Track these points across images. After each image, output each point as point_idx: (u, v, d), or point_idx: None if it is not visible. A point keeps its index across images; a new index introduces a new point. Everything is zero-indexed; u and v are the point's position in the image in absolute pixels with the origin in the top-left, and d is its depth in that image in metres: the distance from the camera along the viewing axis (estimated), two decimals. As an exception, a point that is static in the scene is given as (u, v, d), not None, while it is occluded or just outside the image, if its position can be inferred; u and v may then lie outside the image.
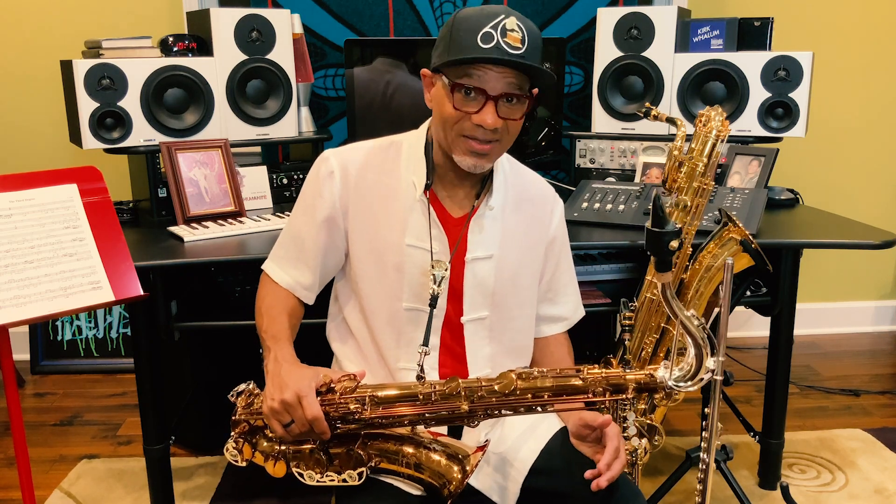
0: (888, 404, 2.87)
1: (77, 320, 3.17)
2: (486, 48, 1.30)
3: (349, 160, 1.48)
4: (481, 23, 1.31)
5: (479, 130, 1.35)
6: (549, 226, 1.57)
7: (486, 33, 1.31)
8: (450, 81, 1.35)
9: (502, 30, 1.31)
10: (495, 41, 1.30)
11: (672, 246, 1.14)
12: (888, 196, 3.46)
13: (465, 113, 1.35)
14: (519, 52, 1.32)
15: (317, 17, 2.78)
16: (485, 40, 1.30)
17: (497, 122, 1.34)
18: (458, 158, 1.40)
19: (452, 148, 1.40)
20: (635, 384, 1.26)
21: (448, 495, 1.28)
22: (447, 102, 1.36)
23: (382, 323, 1.47)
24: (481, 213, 1.48)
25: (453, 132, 1.38)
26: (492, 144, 1.38)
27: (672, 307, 1.19)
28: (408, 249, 1.45)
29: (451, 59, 1.33)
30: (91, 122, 2.11)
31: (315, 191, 1.48)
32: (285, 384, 1.29)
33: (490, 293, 1.49)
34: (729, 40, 2.39)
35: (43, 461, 2.49)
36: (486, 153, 1.38)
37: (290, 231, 1.54)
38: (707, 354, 1.21)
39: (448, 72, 1.35)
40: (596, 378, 1.27)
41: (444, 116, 1.38)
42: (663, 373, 1.25)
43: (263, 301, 1.51)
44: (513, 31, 1.32)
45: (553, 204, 1.59)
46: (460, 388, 1.28)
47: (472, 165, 1.40)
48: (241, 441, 1.37)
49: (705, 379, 1.23)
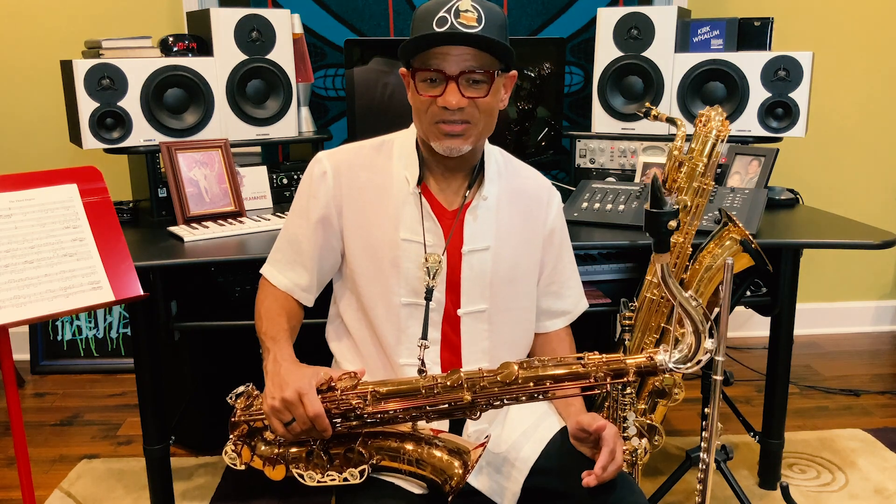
0: (888, 404, 2.87)
1: (77, 320, 3.17)
2: (440, 31, 1.33)
3: (341, 160, 1.50)
4: (436, 8, 1.35)
5: (447, 112, 1.37)
6: (547, 218, 1.58)
7: (440, 17, 1.34)
8: (412, 70, 1.38)
9: (455, 11, 1.34)
10: (449, 23, 1.33)
11: (670, 225, 1.15)
12: (888, 196, 3.46)
13: (430, 98, 1.37)
14: (474, 30, 1.33)
15: (317, 17, 2.78)
16: (439, 24, 1.33)
17: (461, 101, 1.36)
18: (435, 146, 1.42)
19: (429, 136, 1.42)
20: (636, 368, 1.27)
21: (449, 491, 1.28)
22: (414, 91, 1.39)
23: (382, 319, 1.47)
24: (475, 205, 1.49)
25: (427, 121, 1.40)
26: (464, 125, 1.39)
27: (670, 288, 1.20)
28: (403, 244, 1.45)
29: (407, 47, 1.36)
30: (91, 122, 2.11)
31: (309, 192, 1.50)
32: (286, 382, 1.29)
33: (488, 285, 1.49)
34: (729, 40, 2.39)
35: (43, 461, 2.49)
36: (459, 133, 1.39)
37: (287, 234, 1.54)
38: (705, 335, 1.22)
39: (413, 63, 1.39)
40: (597, 363, 1.27)
41: (416, 106, 1.41)
42: (663, 356, 1.26)
43: (262, 305, 1.51)
44: (466, 11, 1.34)
45: (549, 196, 1.59)
46: (462, 380, 1.28)
47: (448, 148, 1.40)
48: (239, 444, 1.37)
49: (703, 360, 1.23)
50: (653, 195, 1.15)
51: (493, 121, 1.43)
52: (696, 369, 1.26)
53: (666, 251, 1.18)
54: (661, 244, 1.18)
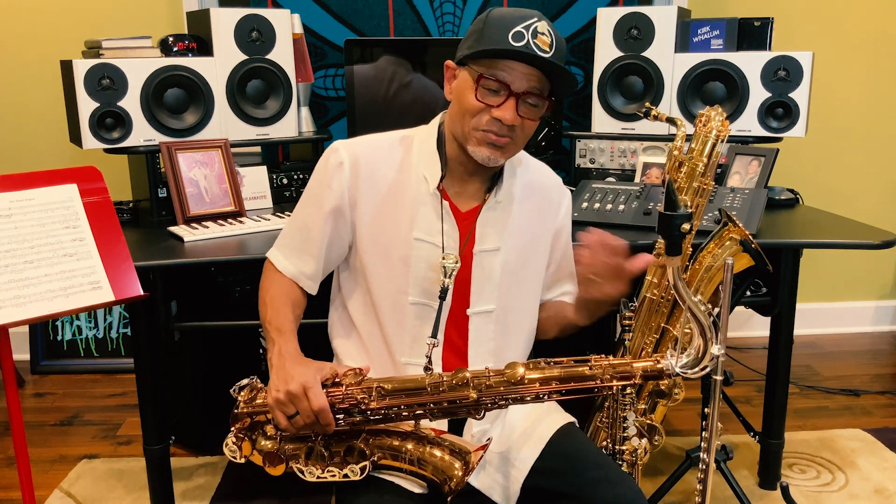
0: (888, 404, 2.87)
1: (77, 320, 3.17)
2: (517, 46, 1.33)
3: (360, 153, 1.48)
4: (514, 22, 1.34)
5: (497, 125, 1.37)
6: (557, 216, 1.59)
7: (517, 32, 1.33)
8: (476, 73, 1.37)
9: (534, 31, 1.34)
10: (526, 40, 1.33)
11: (683, 228, 1.15)
12: (888, 196, 3.46)
13: (486, 106, 1.37)
14: (547, 55, 1.34)
15: (317, 17, 2.78)
16: (516, 38, 1.33)
17: (515, 119, 1.36)
18: (472, 149, 1.41)
19: (468, 138, 1.41)
20: (642, 371, 1.27)
21: (449, 492, 1.29)
22: (470, 94, 1.38)
23: (388, 317, 1.47)
24: (489, 206, 1.49)
25: (471, 124, 1.39)
26: (507, 139, 1.39)
27: (680, 292, 1.20)
28: (415, 243, 1.45)
29: (481, 50, 1.35)
30: (91, 122, 2.11)
31: (323, 181, 1.48)
32: (291, 376, 1.30)
33: (496, 285, 1.49)
34: (729, 40, 2.39)
35: (43, 461, 2.49)
36: (503, 146, 1.40)
37: (297, 220, 1.53)
38: (713, 341, 1.22)
39: (475, 64, 1.38)
40: (604, 366, 1.28)
41: (465, 107, 1.39)
42: (669, 360, 1.26)
43: (267, 291, 1.50)
44: (543, 34, 1.35)
45: (560, 195, 1.61)
46: (468, 378, 1.28)
47: (487, 157, 1.41)
48: (240, 437, 1.37)
49: (710, 366, 1.24)
50: (667, 198, 1.15)
51: (526, 141, 1.45)
52: (702, 375, 1.26)
53: (678, 254, 1.18)
54: (673, 247, 1.17)
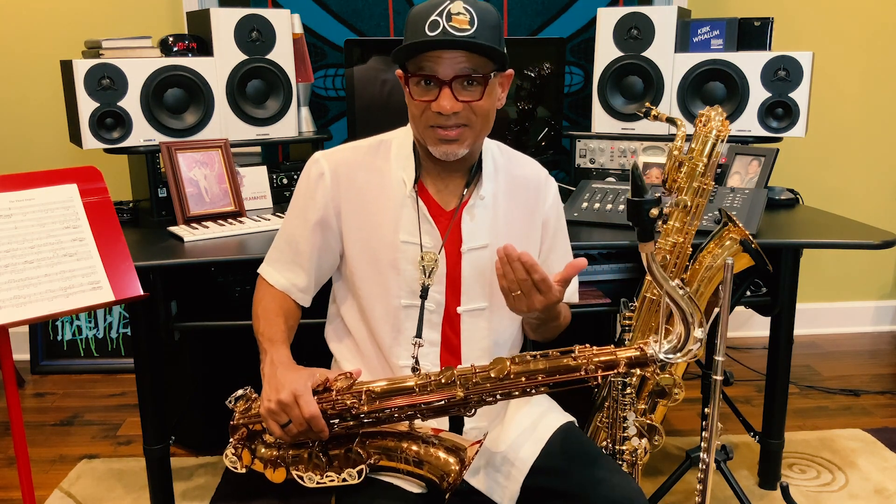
0: (888, 404, 2.87)
1: (77, 320, 3.17)
2: (433, 35, 1.32)
3: (340, 161, 1.49)
4: (429, 11, 1.34)
5: (440, 118, 1.36)
6: (544, 206, 1.57)
7: (432, 21, 1.33)
8: (406, 74, 1.38)
9: (447, 15, 1.33)
10: (441, 27, 1.32)
11: (652, 213, 1.15)
12: (888, 196, 3.46)
13: (425, 102, 1.37)
14: (466, 33, 1.32)
15: (317, 17, 2.78)
16: (432, 28, 1.33)
17: (455, 105, 1.35)
18: (432, 150, 1.42)
19: (426, 140, 1.42)
20: (626, 360, 1.27)
21: (447, 488, 1.29)
22: (408, 95, 1.39)
23: (380, 320, 1.47)
24: (472, 203, 1.48)
25: (422, 125, 1.40)
26: (460, 129, 1.38)
27: (657, 277, 1.20)
28: (402, 246, 1.45)
29: (400, 50, 1.35)
30: (91, 122, 2.11)
31: (307, 193, 1.50)
32: (281, 385, 1.29)
33: (488, 283, 1.49)
34: (729, 40, 2.39)
35: (43, 461, 2.49)
36: (455, 138, 1.39)
37: (284, 234, 1.54)
38: (695, 324, 1.22)
39: (407, 67, 1.38)
40: (588, 356, 1.28)
41: (412, 111, 1.41)
42: (653, 346, 1.26)
43: (260, 304, 1.51)
44: (458, 14, 1.33)
45: (546, 185, 1.59)
46: (455, 377, 1.28)
47: (445, 153, 1.41)
48: (239, 447, 1.37)
49: (694, 350, 1.23)
50: (633, 184, 1.15)
51: (489, 122, 1.43)
52: (688, 359, 1.26)
53: (650, 240, 1.18)
54: (644, 233, 1.18)
